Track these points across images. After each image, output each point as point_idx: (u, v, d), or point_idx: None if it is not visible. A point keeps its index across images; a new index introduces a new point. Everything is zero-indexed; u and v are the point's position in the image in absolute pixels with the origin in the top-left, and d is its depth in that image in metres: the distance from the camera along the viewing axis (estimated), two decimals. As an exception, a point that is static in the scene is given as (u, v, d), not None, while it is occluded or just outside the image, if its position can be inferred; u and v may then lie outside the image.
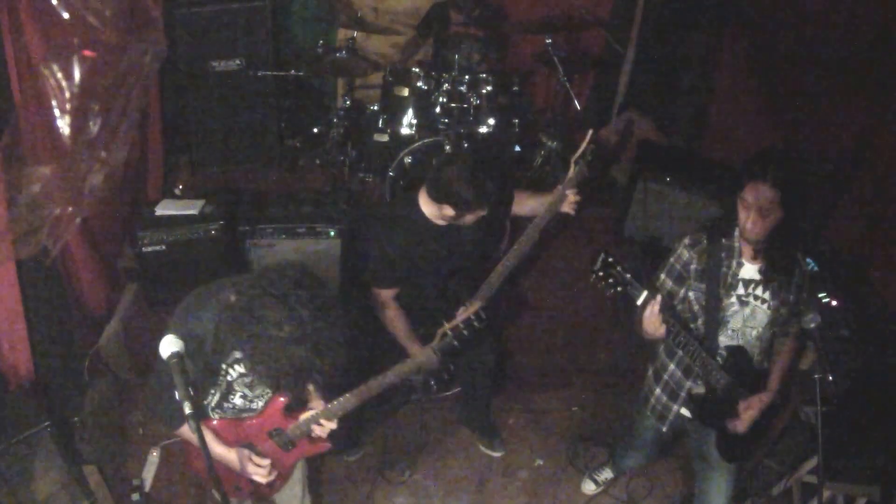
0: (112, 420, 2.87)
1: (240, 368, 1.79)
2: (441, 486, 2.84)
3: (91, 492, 2.45)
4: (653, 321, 1.92)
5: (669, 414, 2.25)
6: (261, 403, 1.93)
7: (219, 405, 1.90)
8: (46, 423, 2.26)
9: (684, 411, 2.22)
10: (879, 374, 2.50)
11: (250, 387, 1.88)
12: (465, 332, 1.86)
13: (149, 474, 2.75)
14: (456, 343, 1.87)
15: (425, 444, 2.98)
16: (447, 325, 1.87)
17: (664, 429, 2.29)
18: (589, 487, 2.84)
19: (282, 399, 1.89)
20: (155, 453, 2.81)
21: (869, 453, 2.45)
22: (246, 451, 1.89)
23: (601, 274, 1.85)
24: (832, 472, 2.41)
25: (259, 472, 1.88)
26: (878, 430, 2.44)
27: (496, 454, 2.96)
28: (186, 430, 1.83)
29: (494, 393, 2.98)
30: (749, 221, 1.90)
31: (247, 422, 1.91)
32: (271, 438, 1.94)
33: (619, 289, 1.86)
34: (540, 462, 2.95)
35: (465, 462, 2.94)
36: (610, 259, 1.85)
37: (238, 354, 1.72)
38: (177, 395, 1.95)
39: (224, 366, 1.77)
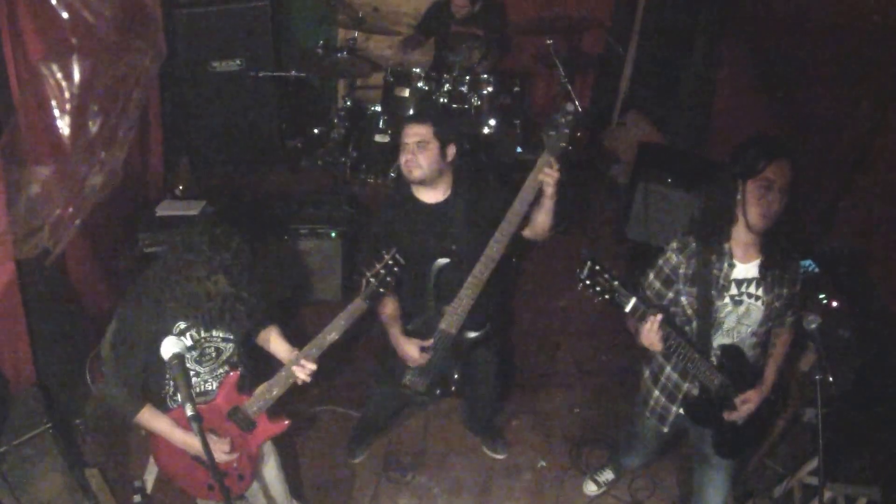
0: (114, 422, 2.86)
1: (186, 341, 1.86)
2: (444, 488, 2.84)
3: (93, 494, 2.44)
4: (651, 337, 1.91)
5: (669, 415, 2.25)
6: (215, 385, 1.98)
7: (176, 391, 1.95)
8: (48, 426, 2.26)
9: (685, 413, 2.22)
10: (879, 375, 2.51)
11: (199, 361, 1.93)
12: (388, 278, 1.95)
13: (150, 476, 2.74)
14: (381, 290, 1.95)
15: (429, 445, 2.98)
16: (369, 273, 1.95)
17: (665, 429, 2.29)
18: (591, 488, 2.84)
19: (233, 374, 1.96)
20: (156, 455, 2.80)
21: (869, 454, 2.45)
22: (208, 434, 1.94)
23: (588, 282, 1.84)
24: (833, 473, 2.41)
25: (221, 448, 1.95)
26: (878, 430, 2.45)
27: (499, 456, 2.96)
28: (143, 418, 1.92)
29: (500, 399, 2.97)
30: (772, 204, 1.87)
31: (205, 407, 1.94)
32: (231, 419, 1.97)
33: (606, 296, 1.85)
34: (542, 464, 2.95)
35: (469, 464, 2.94)
36: (597, 267, 1.83)
37: (182, 324, 1.85)
38: (179, 397, 1.98)
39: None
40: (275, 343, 2.08)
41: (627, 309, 1.88)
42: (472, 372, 2.62)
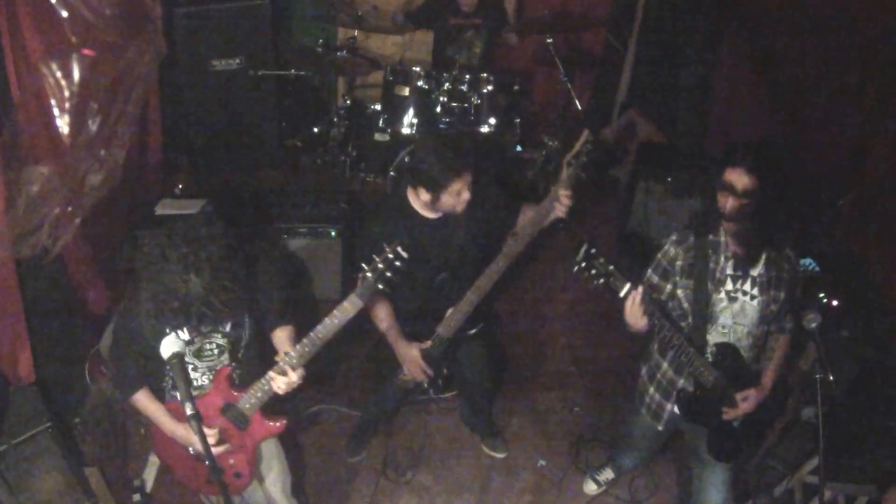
0: (113, 421, 2.86)
1: (183, 334, 1.86)
2: (444, 487, 2.84)
3: (92, 493, 2.44)
4: (634, 312, 1.91)
5: (664, 413, 2.26)
6: (212, 377, 1.98)
7: (174, 385, 1.95)
8: (47, 425, 2.26)
9: (678, 410, 2.22)
10: (879, 374, 2.51)
11: (198, 356, 1.94)
12: (388, 273, 1.83)
13: (150, 475, 2.75)
14: (380, 286, 1.84)
15: (428, 444, 2.98)
16: (367, 268, 1.84)
17: (660, 428, 2.30)
18: (591, 488, 2.85)
19: (224, 369, 1.96)
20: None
21: (869, 453, 2.45)
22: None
23: (584, 265, 1.84)
24: (833, 472, 2.41)
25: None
26: (878, 429, 2.45)
27: (499, 455, 2.96)
28: (138, 400, 1.95)
29: (493, 394, 2.97)
30: (727, 205, 1.92)
31: (199, 401, 1.92)
32: (225, 415, 1.97)
33: (601, 280, 1.86)
34: (542, 463, 2.95)
35: (468, 463, 2.94)
36: (593, 250, 1.84)
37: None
38: (178, 395, 1.98)
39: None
40: (280, 345, 2.03)
41: (622, 294, 1.89)
42: (464, 365, 2.63)
